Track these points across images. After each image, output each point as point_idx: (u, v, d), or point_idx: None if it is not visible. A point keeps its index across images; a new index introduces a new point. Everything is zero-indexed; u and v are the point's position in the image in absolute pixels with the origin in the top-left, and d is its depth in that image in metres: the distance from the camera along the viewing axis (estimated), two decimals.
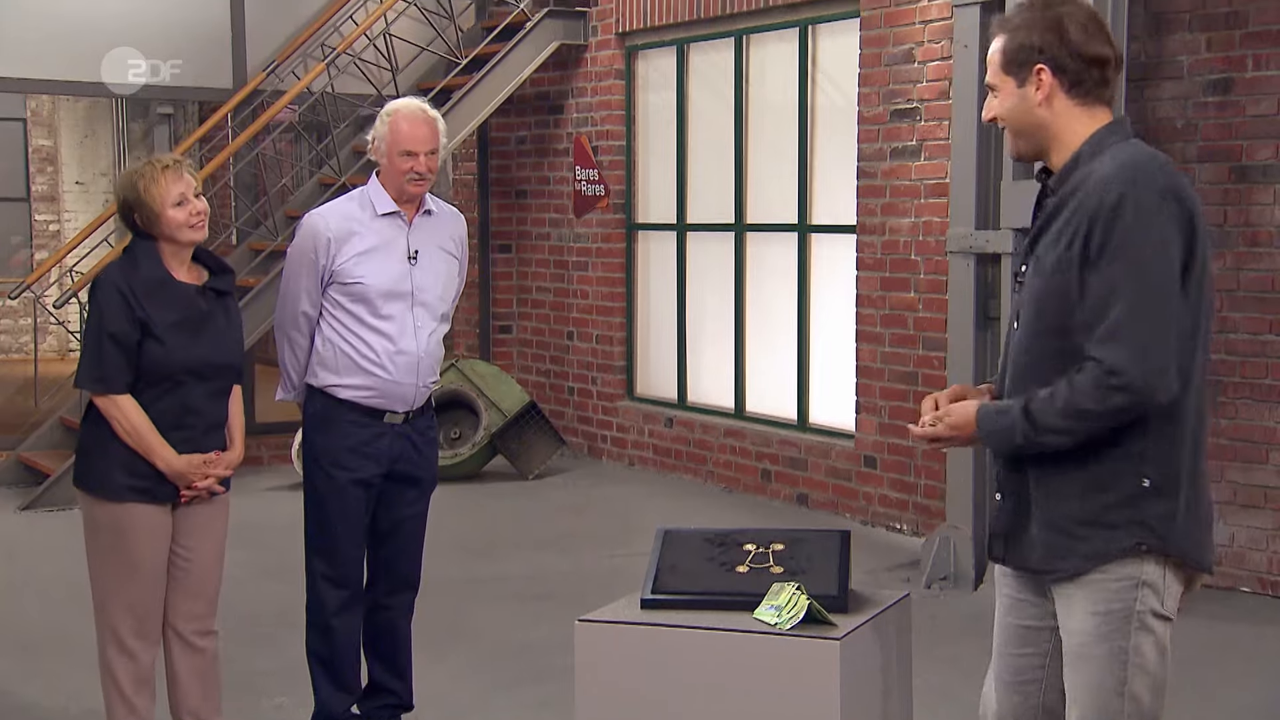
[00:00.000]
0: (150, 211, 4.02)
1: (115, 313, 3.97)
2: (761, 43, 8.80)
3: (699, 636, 3.21)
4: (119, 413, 4.00)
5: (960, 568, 6.64)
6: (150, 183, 4.01)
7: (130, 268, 4.06)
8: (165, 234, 4.05)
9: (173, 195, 4.02)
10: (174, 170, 4.05)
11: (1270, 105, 6.30)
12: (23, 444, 9.21)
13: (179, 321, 4.05)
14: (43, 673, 5.57)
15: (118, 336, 3.97)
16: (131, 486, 4.05)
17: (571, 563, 7.26)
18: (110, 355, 3.98)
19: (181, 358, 4.04)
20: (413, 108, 4.47)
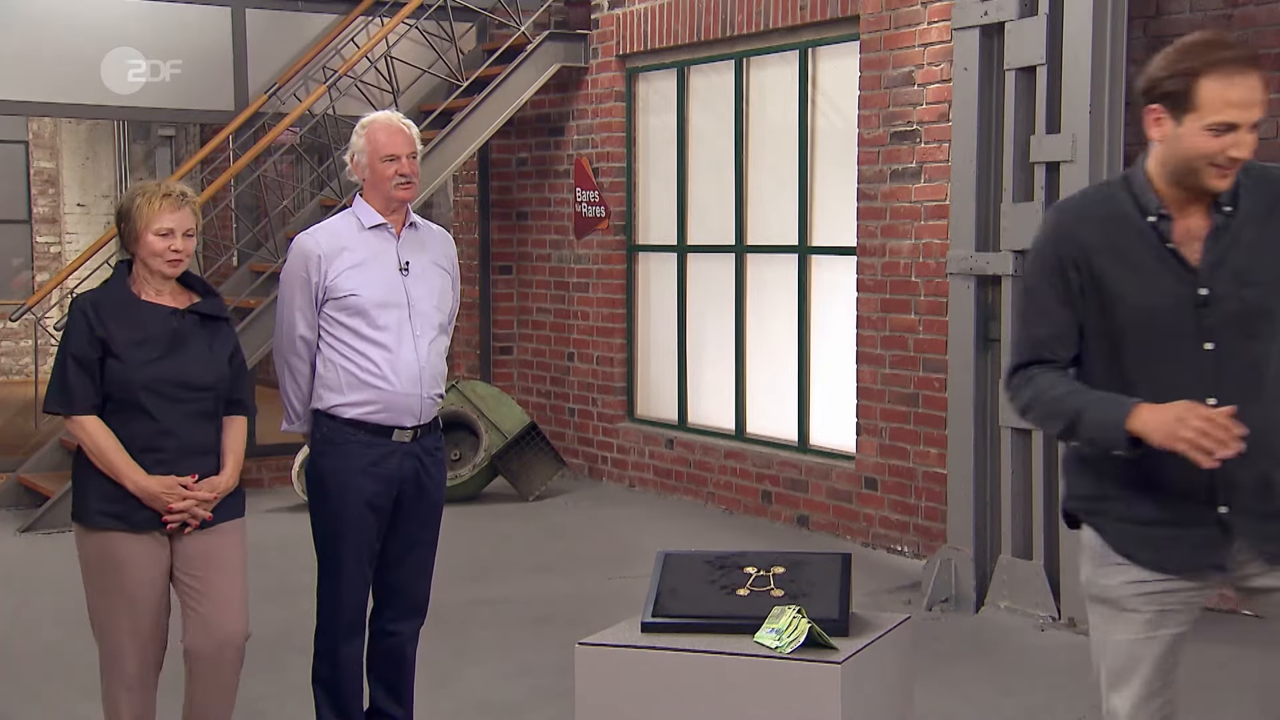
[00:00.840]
0: (132, 228, 4.02)
1: (77, 333, 3.98)
2: (761, 65, 8.83)
3: (699, 660, 3.20)
4: (83, 433, 3.97)
5: (961, 590, 6.63)
6: (145, 202, 4.00)
7: (101, 289, 4.09)
8: (140, 256, 4.04)
9: (160, 222, 4.00)
10: (174, 201, 4.03)
11: (1270, 128, 6.31)
12: (22, 466, 9.20)
13: (142, 340, 4.00)
14: (41, 696, 5.55)
15: (79, 357, 3.96)
16: (105, 512, 3.98)
17: (572, 585, 7.25)
18: (73, 376, 3.96)
19: (142, 376, 3.97)
20: (386, 116, 4.55)
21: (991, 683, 5.65)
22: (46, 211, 16.20)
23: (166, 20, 9.55)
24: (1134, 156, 6.60)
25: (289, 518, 8.52)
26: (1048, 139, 6.32)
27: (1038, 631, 6.25)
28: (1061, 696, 5.46)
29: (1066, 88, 6.26)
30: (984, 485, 6.66)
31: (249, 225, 10.59)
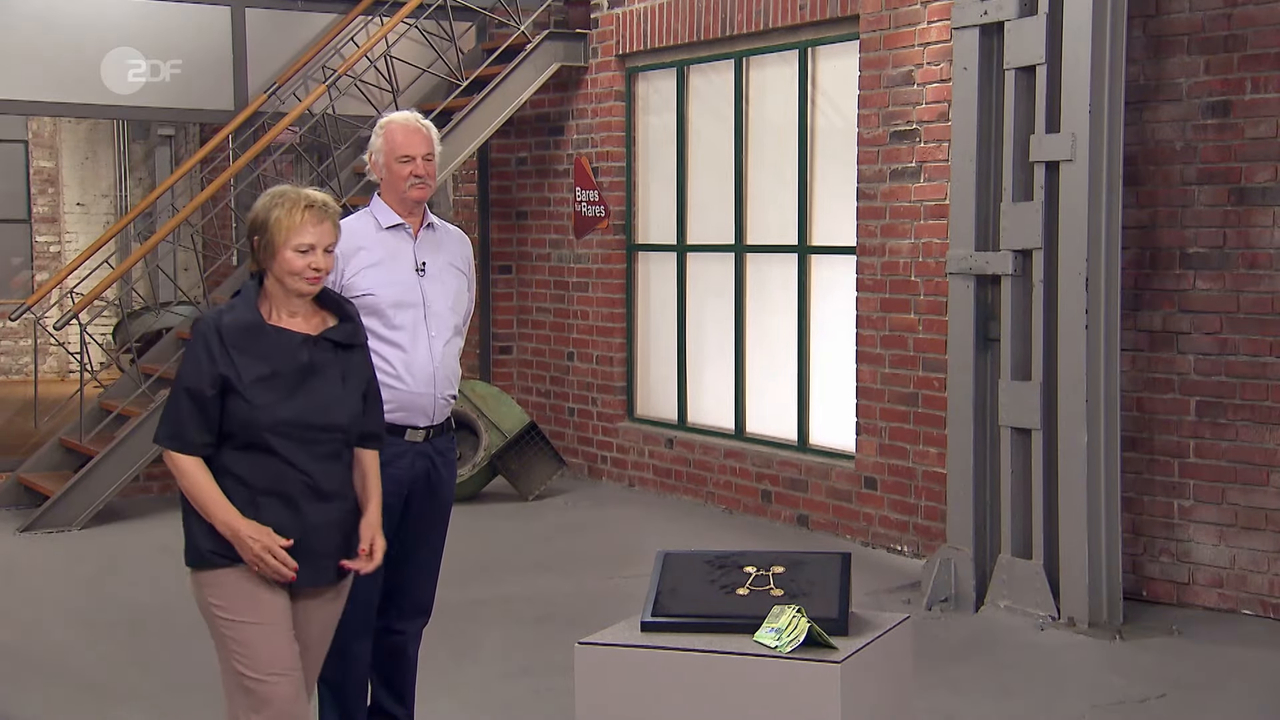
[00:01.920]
0: (269, 242, 3.60)
1: (196, 365, 3.56)
2: (761, 64, 8.82)
3: (699, 660, 3.20)
4: (178, 473, 3.60)
5: (961, 589, 6.63)
6: (285, 213, 3.60)
7: (229, 311, 3.64)
8: (274, 272, 3.63)
9: (301, 237, 3.59)
10: (317, 213, 3.63)
11: (1269, 128, 6.32)
12: (22, 465, 9.20)
13: (270, 376, 3.59)
14: (41, 696, 5.55)
15: (195, 393, 3.56)
16: (220, 551, 3.61)
17: (571, 584, 7.25)
18: (186, 413, 3.56)
19: (269, 418, 3.57)
20: (405, 116, 4.56)
21: (991, 682, 5.65)
22: (46, 211, 16.19)
23: (166, 20, 9.54)
24: (1133, 156, 6.65)
25: None
26: (1047, 138, 6.32)
27: (1037, 631, 6.25)
28: (1061, 696, 5.46)
29: (1066, 87, 6.26)
30: (984, 485, 6.66)
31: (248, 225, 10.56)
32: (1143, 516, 6.73)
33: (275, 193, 3.67)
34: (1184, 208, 6.58)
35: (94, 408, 9.35)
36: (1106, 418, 6.30)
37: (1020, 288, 6.47)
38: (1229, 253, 6.45)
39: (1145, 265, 6.69)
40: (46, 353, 13.98)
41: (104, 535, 8.33)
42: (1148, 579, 6.73)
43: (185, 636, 6.32)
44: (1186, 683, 5.64)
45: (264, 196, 3.68)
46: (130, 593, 7.14)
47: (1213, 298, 6.50)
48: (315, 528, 3.64)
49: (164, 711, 5.40)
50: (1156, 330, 6.68)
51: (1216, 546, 6.52)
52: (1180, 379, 6.61)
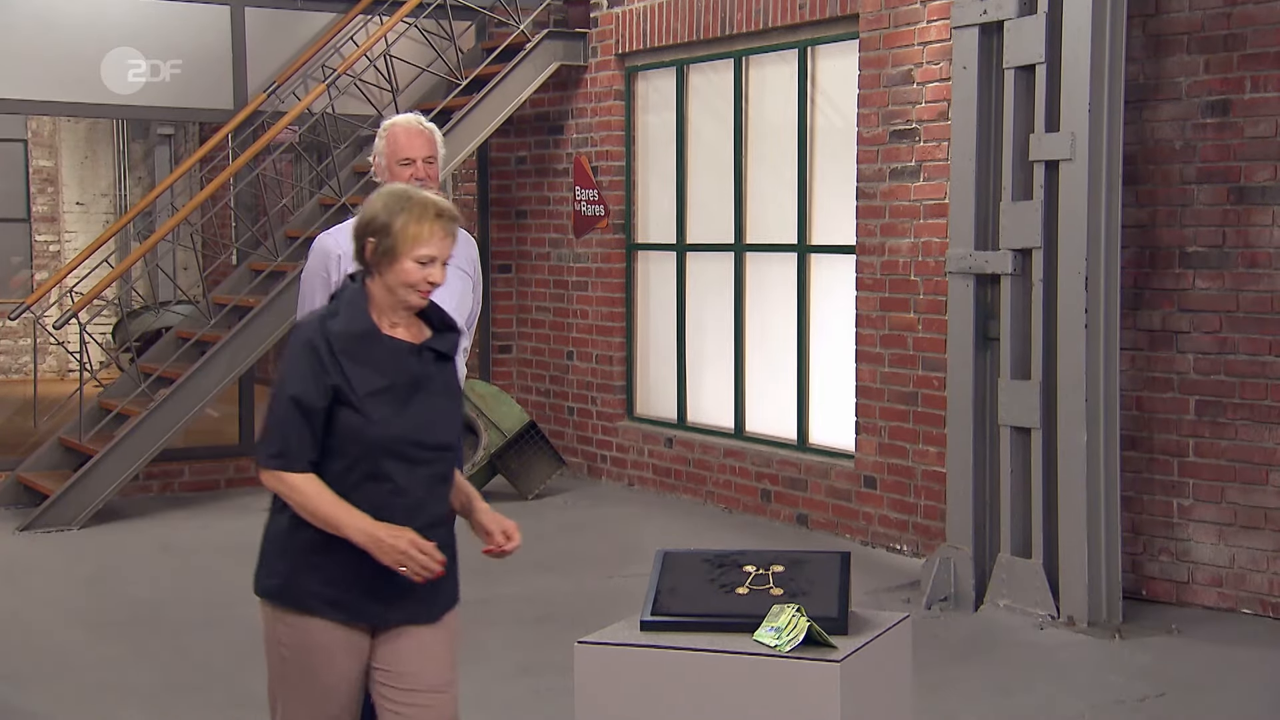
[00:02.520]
0: (390, 248, 3.28)
1: (303, 372, 3.25)
2: (761, 64, 8.82)
3: (699, 659, 3.20)
4: (293, 493, 3.26)
5: (961, 588, 6.63)
6: (413, 220, 3.27)
7: (337, 316, 3.32)
8: (386, 279, 3.31)
9: (427, 248, 3.28)
10: (446, 224, 3.32)
11: (1268, 127, 6.32)
12: (22, 465, 9.20)
13: (385, 389, 3.30)
14: (42, 695, 5.55)
15: (303, 402, 3.24)
16: (322, 597, 3.30)
17: (571, 584, 7.25)
18: (293, 425, 3.24)
19: (385, 434, 3.28)
20: (408, 119, 4.57)
21: (990, 681, 5.65)
22: (45, 210, 16.19)
23: (165, 19, 9.54)
24: (1133, 155, 6.65)
25: None
26: (1047, 137, 6.32)
27: (1037, 630, 6.25)
28: (1061, 695, 5.47)
29: (1066, 86, 6.26)
30: (983, 484, 6.66)
31: (248, 224, 10.59)
32: (1142, 515, 6.73)
33: (399, 194, 3.34)
34: (1183, 207, 6.58)
35: (93, 407, 9.35)
36: (1106, 417, 6.30)
37: (1020, 287, 6.47)
38: (1228, 252, 6.45)
39: (1145, 264, 6.69)
40: (46, 352, 13.98)
41: (103, 534, 8.33)
42: (1147, 578, 6.74)
43: (185, 635, 6.33)
44: (1186, 682, 5.64)
45: (385, 196, 3.35)
46: (130, 591, 7.14)
47: (1212, 297, 6.50)
48: None
49: (164, 710, 5.40)
50: (1156, 329, 6.68)
51: (1216, 545, 6.52)
52: (1180, 378, 6.61)
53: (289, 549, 3.32)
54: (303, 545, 3.30)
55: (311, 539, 3.29)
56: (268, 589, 3.35)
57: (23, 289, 15.23)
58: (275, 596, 3.34)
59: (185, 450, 9.49)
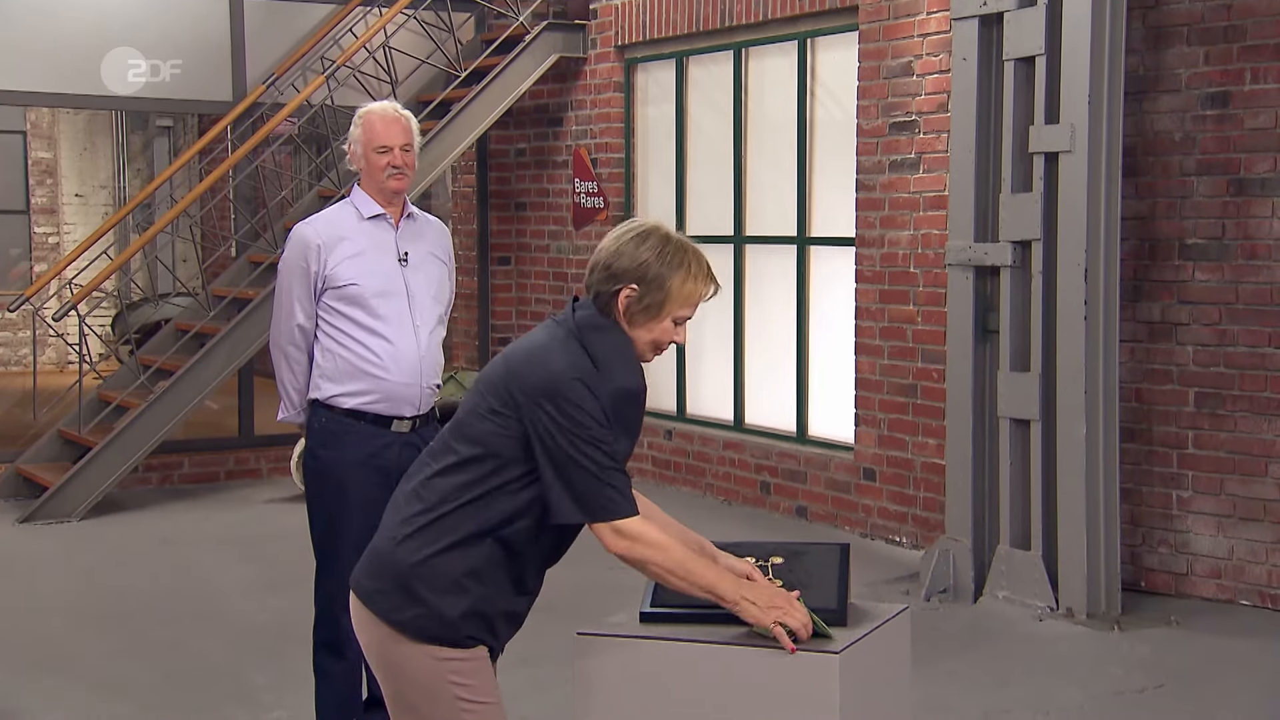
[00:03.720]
0: (661, 302, 3.00)
1: (605, 422, 2.94)
2: (760, 56, 8.82)
3: (698, 650, 3.20)
4: (647, 545, 3.00)
5: (960, 580, 6.63)
6: (690, 279, 3.02)
7: (592, 361, 2.97)
8: (636, 335, 3.03)
9: (689, 307, 3.06)
10: (713, 286, 3.09)
11: (1268, 118, 6.31)
12: (21, 457, 9.20)
13: (628, 453, 3.13)
14: (41, 688, 5.56)
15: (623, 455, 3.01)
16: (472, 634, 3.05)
17: (570, 575, 7.21)
18: (620, 473, 2.99)
19: None
20: (383, 106, 4.56)
21: (989, 672, 5.66)
22: (44, 202, 16.19)
23: (164, 11, 9.54)
24: (1133, 147, 6.64)
25: (287, 508, 8.52)
26: (1047, 129, 6.31)
27: (1036, 621, 6.26)
28: (1060, 686, 5.47)
29: (1065, 78, 6.26)
30: (982, 476, 6.66)
31: (247, 216, 10.58)
32: (1141, 507, 6.73)
33: (676, 246, 3.06)
34: (1183, 199, 6.58)
35: (93, 399, 9.36)
36: (1105, 409, 6.31)
37: (1019, 279, 6.47)
38: (1228, 244, 6.45)
39: (1144, 256, 6.69)
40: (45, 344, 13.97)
41: (103, 526, 8.33)
42: (1146, 570, 6.74)
43: (184, 627, 6.34)
44: (1185, 673, 5.65)
45: (659, 241, 3.05)
46: (130, 583, 7.14)
47: (1212, 289, 6.50)
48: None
49: (162, 703, 5.40)
50: (1155, 321, 6.68)
51: (1215, 537, 6.53)
52: (1179, 370, 6.62)
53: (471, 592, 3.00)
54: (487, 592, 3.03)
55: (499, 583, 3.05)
56: (426, 634, 3.00)
57: (22, 281, 15.23)
58: (440, 639, 3.01)
59: (185, 442, 9.50)
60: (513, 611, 3.14)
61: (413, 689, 3.06)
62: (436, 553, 2.99)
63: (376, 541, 3.10)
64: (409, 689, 3.06)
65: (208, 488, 9.36)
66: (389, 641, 3.05)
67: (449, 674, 3.02)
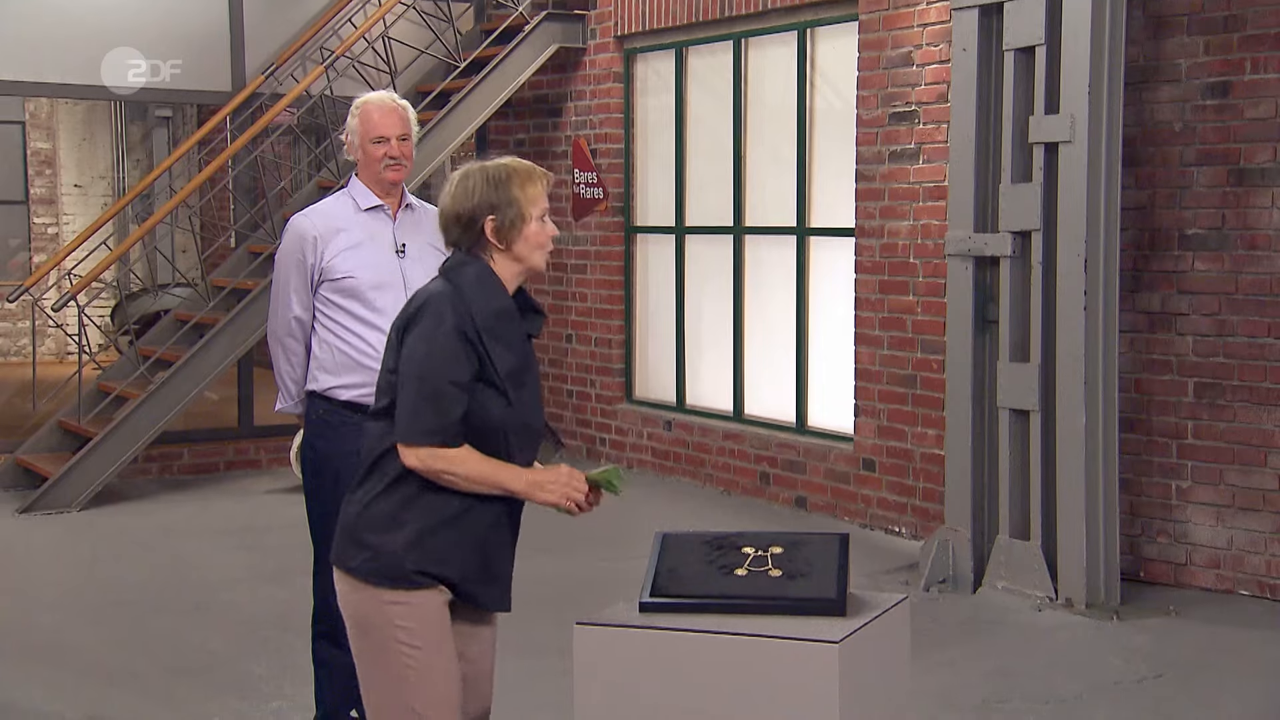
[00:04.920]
0: (519, 213, 3.21)
1: (454, 351, 3.14)
2: (760, 46, 8.80)
3: (697, 640, 3.20)
4: (450, 464, 3.16)
5: (959, 570, 6.64)
6: (527, 181, 3.22)
7: (456, 295, 3.19)
8: (518, 251, 3.25)
9: (542, 205, 3.25)
10: (545, 181, 3.28)
11: (1268, 108, 6.31)
12: (21, 447, 9.20)
13: (516, 369, 3.25)
14: (40, 678, 5.56)
15: (458, 381, 3.15)
16: (419, 569, 3.21)
17: (569, 566, 7.25)
18: (451, 403, 3.14)
19: (515, 416, 3.25)
20: (380, 97, 4.54)
21: (988, 662, 5.66)
22: (43, 192, 16.17)
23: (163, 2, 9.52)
24: (1132, 137, 6.63)
25: (286, 499, 8.53)
26: (1046, 119, 6.31)
27: (1035, 611, 6.26)
28: (1058, 676, 5.48)
29: (1065, 68, 6.25)
30: (981, 466, 6.66)
31: (246, 206, 10.57)
32: (1140, 498, 6.73)
33: (491, 168, 3.24)
34: (1183, 189, 6.57)
35: (92, 389, 9.36)
36: (1105, 399, 6.31)
37: (1019, 269, 6.47)
38: (1228, 234, 6.45)
39: (1144, 246, 6.69)
40: (45, 334, 13.97)
41: (103, 516, 8.33)
42: (1145, 560, 6.75)
43: (184, 618, 6.34)
44: (1183, 663, 5.66)
45: (476, 175, 3.23)
46: (129, 574, 7.14)
47: (1211, 279, 6.50)
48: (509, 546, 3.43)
49: (162, 693, 5.41)
50: (1155, 311, 6.68)
51: (1214, 527, 6.53)
52: (1178, 360, 6.62)
53: (407, 530, 3.19)
54: (426, 527, 3.20)
55: (442, 519, 3.21)
56: (373, 575, 3.19)
57: (21, 271, 15.22)
58: (384, 580, 3.19)
59: (184, 433, 9.50)
60: (464, 538, 3.27)
61: (364, 637, 3.26)
62: (373, 498, 3.25)
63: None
64: (361, 637, 3.26)
65: (207, 478, 9.37)
66: (348, 592, 3.28)
67: (395, 618, 3.20)
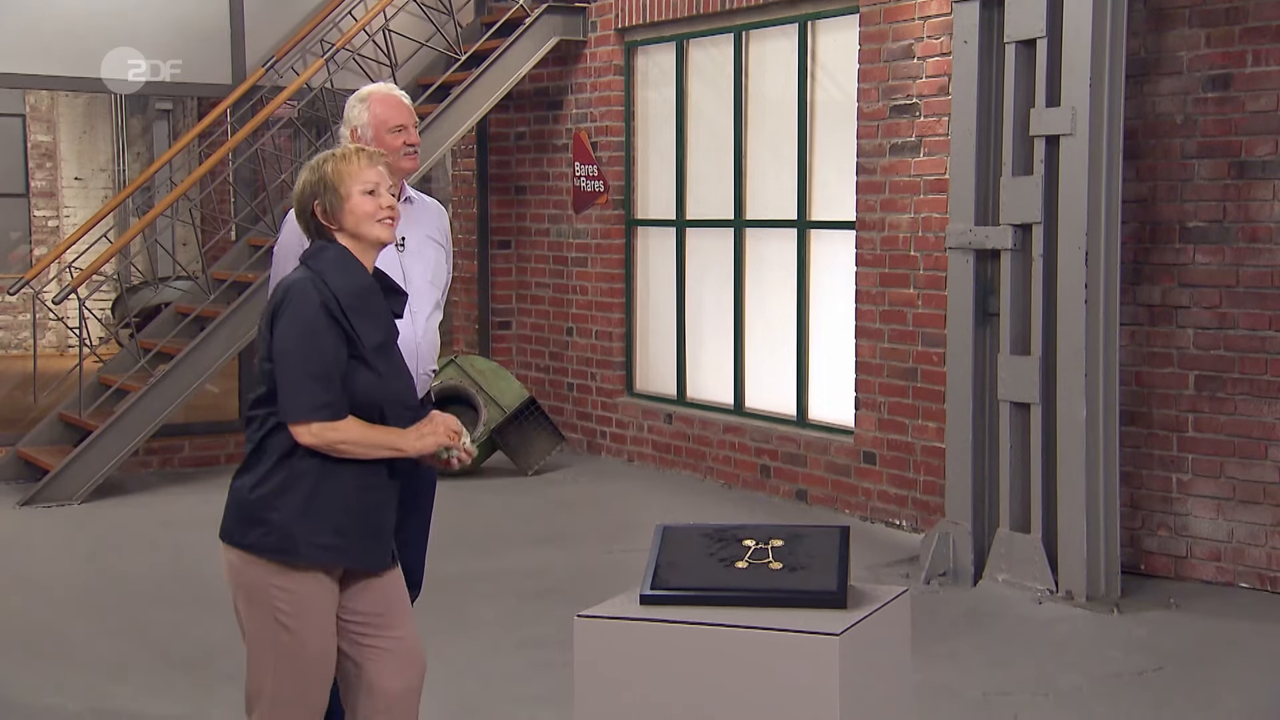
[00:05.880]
0: (336, 191, 3.42)
1: (326, 328, 3.32)
2: (761, 38, 8.80)
3: (698, 632, 3.21)
4: (343, 435, 3.33)
5: (959, 563, 6.64)
6: (340, 161, 3.44)
7: (319, 278, 3.38)
8: (349, 227, 3.45)
9: (364, 179, 3.44)
10: (369, 157, 3.49)
11: (1270, 101, 6.30)
12: (22, 440, 9.21)
13: (381, 344, 3.44)
14: (41, 671, 5.56)
15: (333, 356, 3.34)
16: (327, 546, 3.39)
17: (570, 558, 7.26)
18: (334, 377, 3.32)
19: (385, 389, 3.42)
20: (387, 88, 4.53)
21: (989, 655, 5.67)
22: (44, 185, 16.17)
23: None
24: (1134, 130, 6.63)
25: None
26: (1047, 112, 6.30)
27: (1035, 604, 6.26)
28: (1059, 668, 5.48)
29: (1066, 60, 6.24)
30: (982, 459, 6.66)
31: (247, 199, 10.56)
32: (1141, 490, 6.74)
33: (311, 163, 3.49)
34: (1184, 182, 6.57)
35: (93, 382, 9.36)
36: (1105, 392, 6.31)
37: (1020, 262, 6.47)
38: (1229, 227, 6.44)
39: (1145, 239, 6.69)
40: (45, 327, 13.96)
41: (104, 509, 8.34)
42: (1146, 552, 6.75)
43: (185, 611, 6.34)
44: (1184, 655, 5.66)
45: (307, 165, 3.50)
46: (130, 567, 7.15)
47: (1212, 272, 6.49)
48: (392, 504, 3.55)
49: (163, 686, 5.41)
50: (1156, 304, 6.68)
51: (1214, 520, 6.53)
52: (1179, 353, 6.61)
53: (296, 502, 3.36)
54: (314, 496, 3.36)
55: (328, 488, 3.37)
56: (264, 546, 3.38)
57: (21, 264, 15.23)
58: (275, 553, 3.37)
59: (185, 426, 9.50)
60: (351, 503, 3.42)
61: (249, 606, 3.45)
62: (262, 476, 3.40)
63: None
64: (247, 606, 3.45)
65: (208, 471, 9.37)
66: (241, 566, 3.46)
67: (279, 593, 3.39)
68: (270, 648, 3.43)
